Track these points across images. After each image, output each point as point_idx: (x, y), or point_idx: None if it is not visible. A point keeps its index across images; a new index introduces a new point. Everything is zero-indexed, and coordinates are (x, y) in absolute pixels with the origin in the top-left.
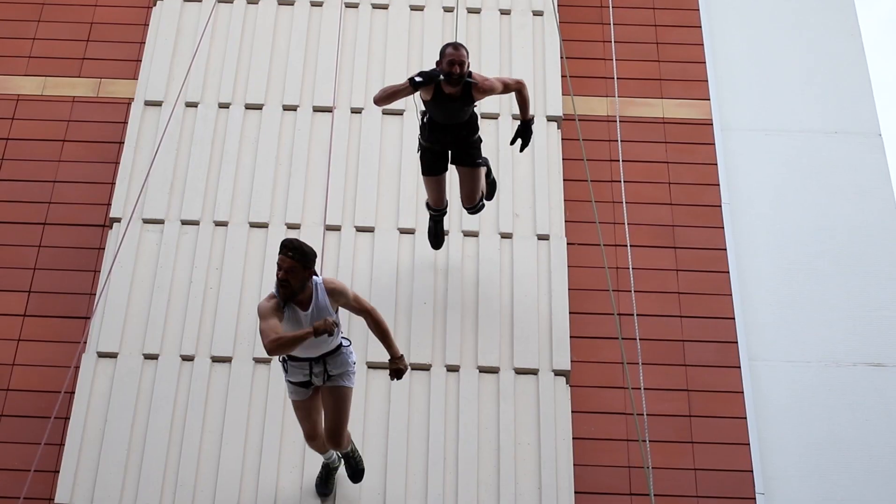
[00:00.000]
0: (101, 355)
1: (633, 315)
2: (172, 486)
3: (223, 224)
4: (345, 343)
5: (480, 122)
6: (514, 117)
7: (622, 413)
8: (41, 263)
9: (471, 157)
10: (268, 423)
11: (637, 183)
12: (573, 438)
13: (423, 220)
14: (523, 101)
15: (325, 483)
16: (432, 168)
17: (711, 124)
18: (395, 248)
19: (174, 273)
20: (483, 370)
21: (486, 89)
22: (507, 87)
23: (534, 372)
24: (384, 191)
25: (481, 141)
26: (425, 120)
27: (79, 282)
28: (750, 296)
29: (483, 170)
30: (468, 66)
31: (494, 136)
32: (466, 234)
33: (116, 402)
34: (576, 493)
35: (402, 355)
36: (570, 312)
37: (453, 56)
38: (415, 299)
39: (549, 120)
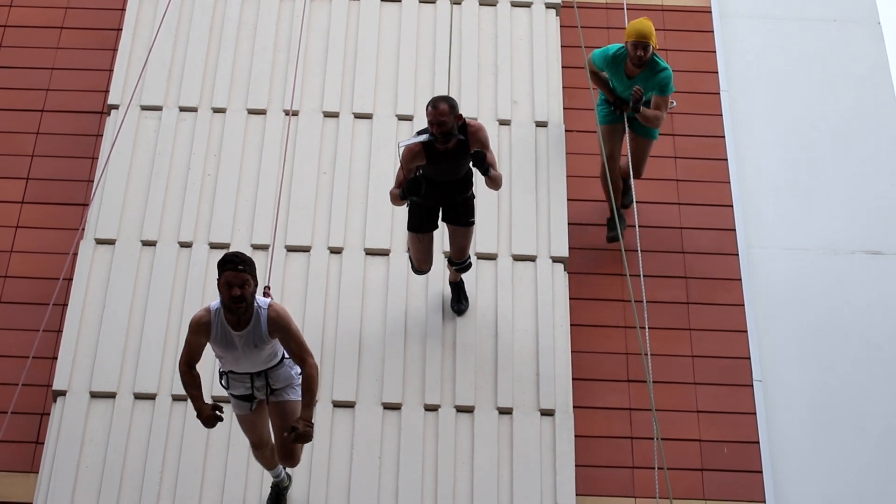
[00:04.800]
0: (99, 242)
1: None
2: (170, 372)
3: (221, 111)
4: (287, 354)
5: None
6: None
7: (620, 300)
8: (39, 150)
9: (464, 216)
10: None
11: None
12: (571, 325)
13: (421, 107)
14: (492, 181)
15: None
16: (421, 225)
17: (710, 12)
18: (392, 135)
19: (172, 160)
20: (481, 257)
21: (480, 140)
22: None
23: (532, 259)
24: (382, 77)
25: (474, 197)
26: (418, 175)
27: (77, 169)
28: (748, 183)
29: (474, 228)
30: (454, 121)
31: (493, 24)
32: None
33: (114, 289)
34: (574, 379)
35: (311, 421)
36: (568, 199)
37: (431, 117)
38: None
39: (547, 7)
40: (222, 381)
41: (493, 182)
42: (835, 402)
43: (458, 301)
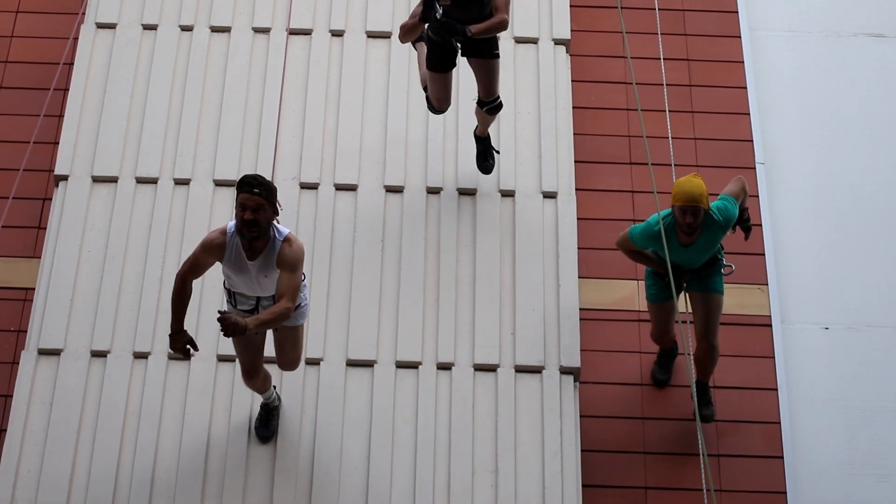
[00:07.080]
0: (100, 26)
1: None
2: (172, 156)
3: None
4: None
5: None
6: None
7: (622, 83)
8: None
9: (486, 49)
10: (266, 92)
11: None
12: (573, 108)
13: None
14: (490, 26)
15: (266, 425)
16: (441, 63)
17: None
18: None
19: None
20: None
21: None
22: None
23: (534, 41)
24: None
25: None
26: (438, 14)
27: None
28: None
29: (499, 61)
30: None
31: None
32: None
33: (115, 73)
34: (576, 162)
35: (248, 326)
36: None
37: None
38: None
39: None
40: (229, 299)
41: (487, 33)
42: (836, 185)
43: (485, 158)
